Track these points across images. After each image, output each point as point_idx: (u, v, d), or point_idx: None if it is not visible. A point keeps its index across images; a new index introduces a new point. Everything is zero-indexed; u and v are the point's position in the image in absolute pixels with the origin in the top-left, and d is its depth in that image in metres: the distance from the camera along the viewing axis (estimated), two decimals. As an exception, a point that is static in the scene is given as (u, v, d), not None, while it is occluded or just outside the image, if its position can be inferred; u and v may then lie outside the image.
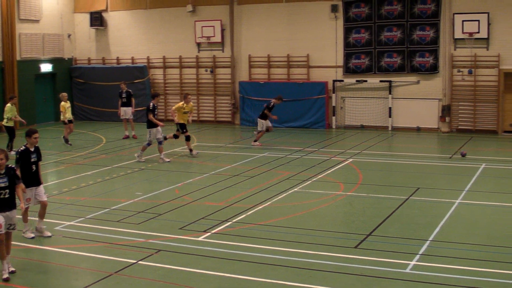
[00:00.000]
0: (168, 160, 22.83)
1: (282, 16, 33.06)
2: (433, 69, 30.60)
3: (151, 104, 23.28)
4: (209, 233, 13.74)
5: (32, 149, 13.55)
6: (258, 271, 11.44)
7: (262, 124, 26.36)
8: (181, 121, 23.97)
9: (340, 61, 32.21)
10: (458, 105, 30.35)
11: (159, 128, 23.00)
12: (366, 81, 31.60)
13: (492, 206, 16.16)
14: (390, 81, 31.18)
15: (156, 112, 23.34)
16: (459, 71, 30.30)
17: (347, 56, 31.98)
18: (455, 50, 30.32)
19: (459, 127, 30.41)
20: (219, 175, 20.22)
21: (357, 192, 17.76)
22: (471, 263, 11.61)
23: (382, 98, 31.47)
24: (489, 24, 29.44)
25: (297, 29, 32.82)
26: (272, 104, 26.54)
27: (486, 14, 29.36)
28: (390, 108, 31.17)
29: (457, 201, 16.50)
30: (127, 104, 29.07)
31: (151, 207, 16.17)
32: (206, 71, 34.93)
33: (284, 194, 17.42)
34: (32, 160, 13.50)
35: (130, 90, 29.98)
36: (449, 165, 22.19)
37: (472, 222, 14.62)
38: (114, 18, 36.76)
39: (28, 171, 13.40)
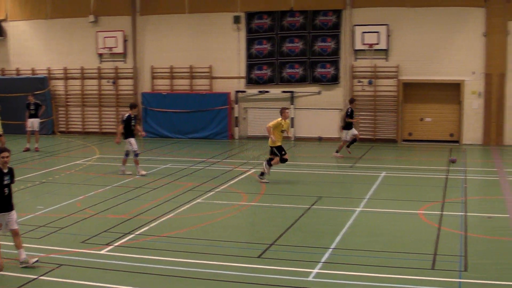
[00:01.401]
0: (145, 173, 22.35)
1: (185, 27, 33.03)
2: (334, 80, 31.15)
3: (127, 114, 22.41)
4: (112, 246, 13.53)
5: (5, 171, 12.14)
6: (163, 283, 11.34)
7: (346, 134, 26.12)
8: (278, 143, 20.56)
9: (243, 72, 32.43)
10: (359, 115, 30.91)
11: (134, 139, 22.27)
12: (268, 91, 31.88)
13: (391, 213, 16.53)
14: (292, 92, 31.56)
15: (133, 123, 22.37)
16: (359, 82, 30.95)
17: (250, 67, 32.21)
18: (355, 61, 30.97)
19: (360, 136, 30.95)
20: (122, 187, 19.98)
21: (260, 202, 17.87)
22: (371, 269, 11.81)
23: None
24: (388, 36, 30.22)
25: (200, 40, 32.85)
26: (350, 110, 26.23)
27: (386, 26, 30.15)
28: (292, 119, 31.50)
29: (358, 209, 16.80)
30: (34, 115, 28.40)
31: (52, 221, 15.81)
32: (108, 82, 34.53)
33: (188, 205, 17.35)
34: (5, 182, 12.13)
35: (39, 101, 29.35)
36: (350, 174, 22.57)
37: (372, 229, 14.89)
38: (13, 28, 35.89)
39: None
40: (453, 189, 19.46)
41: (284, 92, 31.73)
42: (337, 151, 26.15)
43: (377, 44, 30.35)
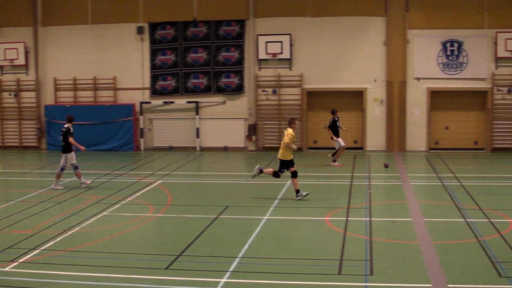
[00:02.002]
0: (90, 182, 21.75)
1: (88, 38, 32.60)
2: (238, 89, 31.28)
3: (66, 126, 21.71)
4: (16, 263, 13.14)
5: None
6: (67, 298, 11.12)
7: (338, 142, 25.90)
8: (291, 157, 19.28)
9: (147, 83, 32.21)
10: (264, 124, 31.16)
11: (73, 153, 21.67)
12: (173, 102, 31.74)
13: (298, 220, 16.68)
14: (197, 102, 31.52)
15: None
16: (263, 91, 31.16)
17: (154, 78, 32.02)
18: (259, 70, 31.19)
19: (265, 145, 31.23)
20: (26, 202, 19.47)
21: (167, 213, 17.73)
22: (279, 277, 11.86)
23: (190, 119, 31.72)
24: (291, 45, 30.56)
25: (104, 51, 32.47)
26: (331, 120, 26.29)
27: (289, 36, 30.48)
28: (197, 129, 31.46)
29: (265, 217, 16.86)
30: None
31: (-49, 238, 15.29)
32: (10, 94, 33.68)
33: (93, 219, 17.05)
34: None
35: None
36: (256, 183, 22.63)
37: (279, 237, 14.97)
38: None
39: None
40: (357, 195, 19.78)
41: (189, 102, 31.66)
42: (334, 161, 26.25)
43: (281, 53, 30.66)
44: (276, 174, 19.57)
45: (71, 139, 21.60)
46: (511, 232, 15.17)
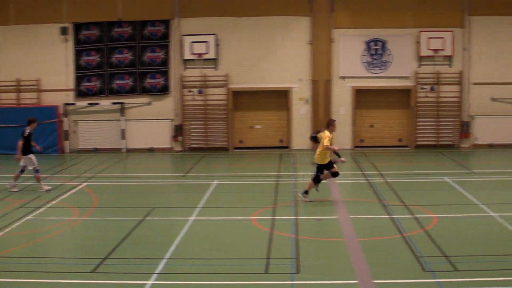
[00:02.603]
0: (49, 187, 21.09)
1: (10, 38, 31.85)
2: (164, 90, 31.10)
3: (28, 130, 21.04)
4: None
5: None
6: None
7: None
8: (328, 160, 18.57)
9: (72, 84, 31.70)
10: (190, 124, 31.07)
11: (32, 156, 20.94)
12: (98, 103, 31.35)
13: (225, 220, 16.67)
14: (122, 103, 31.19)
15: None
16: (189, 91, 31.04)
17: (79, 79, 31.56)
18: (185, 70, 31.05)
19: (192, 145, 31.14)
20: None
21: (93, 216, 17.48)
22: (207, 277, 11.83)
23: (115, 120, 31.38)
24: (217, 45, 30.53)
25: (27, 52, 31.79)
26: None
27: (214, 36, 30.43)
28: (123, 130, 31.14)
29: (192, 218, 16.80)
30: None
31: None
32: None
33: (17, 223, 16.67)
34: None
35: None
36: (183, 184, 22.56)
37: (206, 238, 14.92)
38: None
39: None
40: (284, 194, 19.88)
41: (114, 103, 31.31)
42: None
43: (206, 53, 30.60)
44: (317, 180, 18.71)
45: (20, 143, 21.11)
46: (435, 227, 15.47)
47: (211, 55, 30.63)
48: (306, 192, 18.78)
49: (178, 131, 31.15)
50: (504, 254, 13.27)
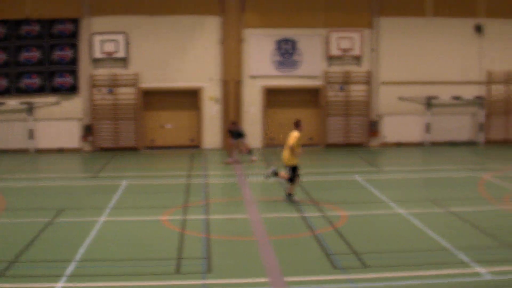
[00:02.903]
0: None
1: None
2: (73, 89, 30.59)
3: None
4: None
5: None
6: None
7: None
8: (296, 161, 18.50)
9: (-24, 83, 30.85)
10: (100, 124, 30.66)
11: None
12: (4, 103, 30.55)
13: (135, 221, 16.53)
14: (30, 103, 30.52)
15: None
16: (99, 90, 30.63)
17: (-16, 78, 30.74)
18: (95, 69, 30.61)
19: (102, 145, 30.75)
20: None
21: (0, 218, 17.08)
22: (118, 278, 11.70)
23: (23, 121, 30.65)
24: (127, 44, 30.22)
25: None
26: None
27: (124, 34, 30.11)
28: (31, 130, 30.49)
29: (102, 219, 16.58)
30: None
31: None
32: None
33: None
34: None
35: None
36: (93, 184, 22.26)
37: (117, 239, 14.76)
38: None
39: None
40: (195, 193, 19.86)
41: (22, 103, 30.60)
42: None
43: (116, 52, 30.26)
44: (291, 180, 18.51)
45: None
46: (345, 225, 15.73)
47: (121, 54, 30.29)
48: (290, 195, 18.62)
49: (88, 131, 30.70)
50: (412, 250, 13.62)
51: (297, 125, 18.81)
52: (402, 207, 17.66)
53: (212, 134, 31.05)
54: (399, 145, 32.15)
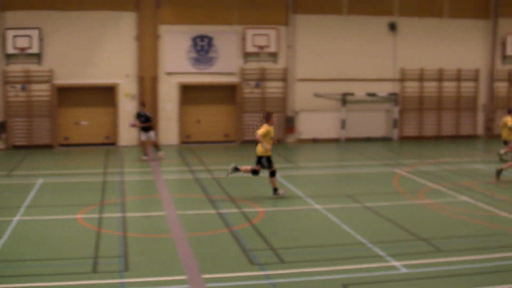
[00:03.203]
0: None
1: None
2: (-15, 86, 29.86)
3: None
4: None
5: None
6: None
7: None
8: (268, 153, 18.55)
9: None
10: (14, 121, 30.01)
11: None
12: None
13: (51, 220, 16.23)
14: None
15: None
16: (12, 87, 29.97)
17: None
18: (7, 65, 29.92)
19: (16, 143, 30.10)
20: None
21: None
22: (32, 279, 11.47)
23: None
24: (41, 40, 29.65)
25: None
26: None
27: (38, 30, 29.52)
28: None
29: (16, 218, 16.22)
30: None
31: None
32: None
33: None
34: None
35: None
36: (6, 183, 21.75)
37: (32, 238, 14.45)
38: None
39: None
40: (111, 191, 19.64)
41: None
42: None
43: (29, 48, 29.63)
44: (254, 172, 18.74)
45: None
46: (261, 221, 15.83)
47: (34, 49, 29.68)
48: (276, 189, 18.71)
49: (1, 128, 29.99)
50: (329, 245, 13.80)
51: (267, 118, 18.64)
52: (319, 203, 17.89)
53: (128, 131, 30.73)
54: (315, 141, 32.52)
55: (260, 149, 18.54)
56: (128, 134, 30.75)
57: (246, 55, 31.56)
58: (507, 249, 13.54)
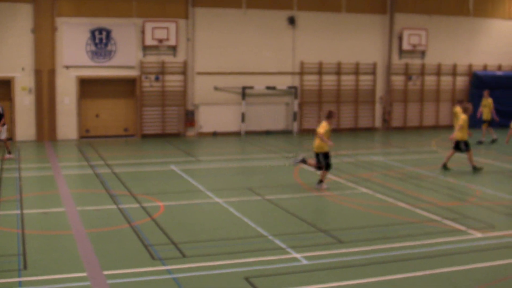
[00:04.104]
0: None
1: None
2: None
3: None
4: None
5: None
6: None
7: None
8: (325, 149, 19.12)
9: None
10: None
11: None
12: None
13: None
14: None
15: None
16: None
17: None
18: None
19: None
20: None
21: None
22: None
23: None
24: None
25: None
26: None
27: None
28: None
29: None
30: None
31: None
32: None
33: None
34: None
35: None
36: None
37: None
38: None
39: None
40: (7, 188, 19.14)
41: None
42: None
43: None
44: (319, 168, 19.40)
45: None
46: (162, 215, 15.76)
47: None
48: (320, 181, 19.25)
49: None
50: (230, 238, 13.87)
51: (328, 116, 19.30)
52: (220, 196, 17.94)
53: (25, 126, 30.01)
54: (215, 134, 32.56)
55: (317, 145, 19.15)
56: (25, 129, 30.01)
57: (146, 48, 31.29)
58: (405, 238, 13.92)
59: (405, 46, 35.24)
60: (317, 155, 19.32)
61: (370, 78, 35.20)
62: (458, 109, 25.15)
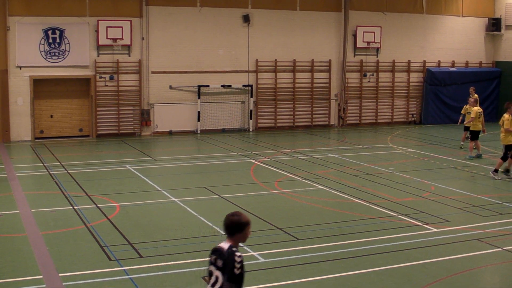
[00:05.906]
0: None
1: None
2: None
3: None
4: None
5: None
6: None
7: None
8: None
9: None
10: None
11: None
12: None
13: None
14: None
15: None
16: None
17: None
18: None
19: None
20: None
21: None
22: None
23: None
24: None
25: None
26: None
27: None
28: None
29: None
30: None
31: None
32: None
33: None
34: None
35: None
36: None
37: None
38: None
39: None
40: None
41: None
42: None
43: None
44: (504, 159, 21.00)
45: None
46: (118, 215, 15.69)
47: None
48: (496, 171, 20.75)
49: None
50: (187, 237, 13.84)
51: (507, 108, 21.04)
52: (176, 195, 17.91)
53: (-23, 127, 29.60)
54: (171, 133, 32.44)
55: (503, 138, 21.10)
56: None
57: (100, 48, 31.00)
58: (361, 234, 14.05)
59: (360, 43, 35.48)
60: (506, 147, 21.03)
61: (325, 76, 35.36)
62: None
